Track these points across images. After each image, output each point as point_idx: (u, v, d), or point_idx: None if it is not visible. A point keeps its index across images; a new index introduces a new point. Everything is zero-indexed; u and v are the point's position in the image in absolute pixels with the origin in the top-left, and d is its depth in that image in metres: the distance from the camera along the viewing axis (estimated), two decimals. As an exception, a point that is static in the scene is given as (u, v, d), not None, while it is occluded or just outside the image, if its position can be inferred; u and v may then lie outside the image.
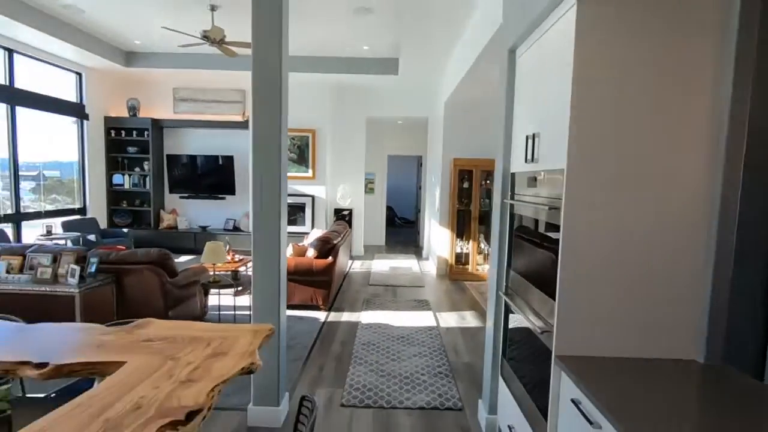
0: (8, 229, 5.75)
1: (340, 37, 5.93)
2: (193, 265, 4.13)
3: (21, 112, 6.06)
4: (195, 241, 7.72)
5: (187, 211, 8.25)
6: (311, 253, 4.71)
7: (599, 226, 1.51)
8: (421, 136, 9.10)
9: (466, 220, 6.52)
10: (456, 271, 6.48)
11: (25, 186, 6.40)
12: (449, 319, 4.58)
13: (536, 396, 1.77)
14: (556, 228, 1.62)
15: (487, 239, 6.51)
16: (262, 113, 2.40)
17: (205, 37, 5.04)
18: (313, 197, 7.77)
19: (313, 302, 4.59)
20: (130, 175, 7.87)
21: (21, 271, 3.25)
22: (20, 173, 6.12)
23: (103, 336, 1.39)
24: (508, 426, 2.14)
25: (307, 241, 5.60)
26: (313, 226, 7.69)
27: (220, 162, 7.98)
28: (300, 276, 4.53)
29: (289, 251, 4.82)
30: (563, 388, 1.52)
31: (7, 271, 3.19)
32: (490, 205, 6.48)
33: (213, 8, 5.10)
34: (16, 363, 1.19)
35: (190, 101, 8.04)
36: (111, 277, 3.37)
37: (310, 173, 7.72)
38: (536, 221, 1.91)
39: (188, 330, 1.48)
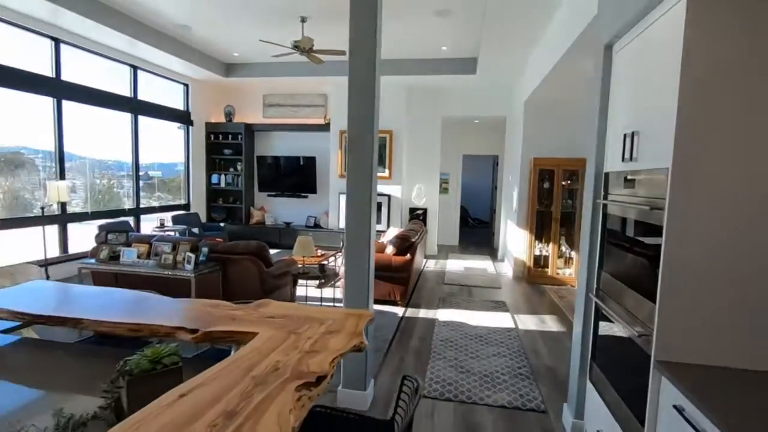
0: (130, 221, 6.68)
1: (419, 38, 6.05)
2: (283, 257, 4.50)
3: (141, 120, 6.99)
4: (280, 236, 8.32)
5: (274, 208, 8.92)
6: (390, 250, 4.88)
7: (707, 226, 1.46)
8: (498, 135, 8.92)
9: (546, 221, 6.30)
10: (534, 274, 6.30)
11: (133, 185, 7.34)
12: (528, 322, 4.49)
13: (631, 401, 1.74)
14: (655, 228, 1.58)
15: (569, 242, 6.23)
16: (356, 116, 2.59)
17: (296, 46, 5.44)
18: (389, 196, 7.98)
19: (391, 297, 4.76)
20: (225, 175, 8.70)
21: (148, 256, 3.80)
22: (128, 174, 7.05)
23: (234, 311, 1.63)
24: (597, 431, 2.10)
25: (385, 238, 5.80)
26: (388, 225, 7.91)
27: (304, 163, 8.51)
28: (379, 271, 4.71)
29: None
30: (664, 393, 1.49)
31: (138, 257, 3.75)
32: (572, 206, 6.20)
33: (303, 20, 5.49)
34: (174, 328, 1.46)
35: (278, 106, 8.67)
36: (218, 264, 3.81)
37: (386, 173, 7.94)
38: (632, 222, 1.86)
39: (300, 311, 1.68)
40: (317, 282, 4.77)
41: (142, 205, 7.20)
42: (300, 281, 4.57)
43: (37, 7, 4.70)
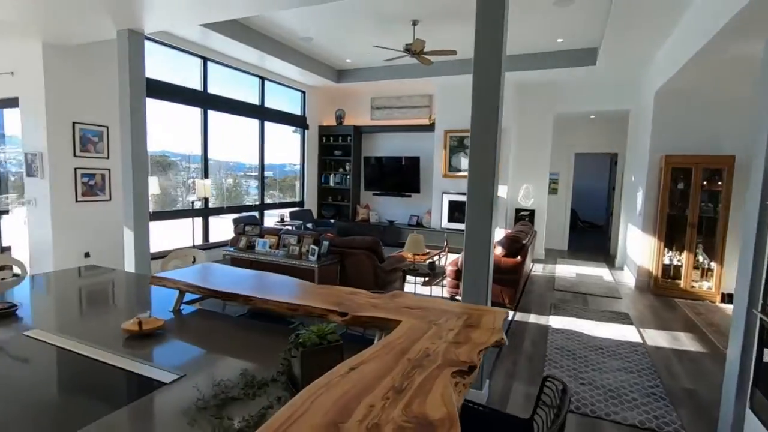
0: (255, 215, 7.49)
1: (533, 31, 5.79)
2: (392, 254, 4.67)
3: (264, 125, 7.79)
4: (383, 233, 8.63)
5: (378, 207, 9.27)
6: (498, 251, 4.77)
7: None
8: (618, 131, 8.14)
9: (679, 227, 5.58)
10: (662, 286, 5.62)
11: (251, 183, 8.15)
12: (658, 338, 4.04)
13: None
14: None
15: (708, 251, 5.44)
16: (479, 115, 2.59)
17: (407, 49, 5.59)
18: (493, 197, 7.77)
19: (499, 300, 4.65)
20: (334, 175, 9.28)
21: (277, 247, 4.24)
22: (245, 173, 7.85)
23: (373, 299, 1.76)
24: (763, 467, 1.83)
25: (491, 239, 5.68)
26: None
27: (408, 162, 8.69)
28: (487, 273, 4.64)
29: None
30: None
31: (269, 247, 4.21)
32: (714, 209, 5.40)
33: (414, 23, 5.62)
34: (326, 310, 1.62)
35: (384, 108, 8.99)
36: (337, 257, 4.11)
37: (491, 173, 7.74)
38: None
39: (433, 304, 1.75)
40: (423, 279, 4.86)
41: (262, 202, 8.01)
42: (408, 277, 4.70)
43: (192, 32, 5.52)
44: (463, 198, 7.97)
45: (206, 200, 6.46)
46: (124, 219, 4.06)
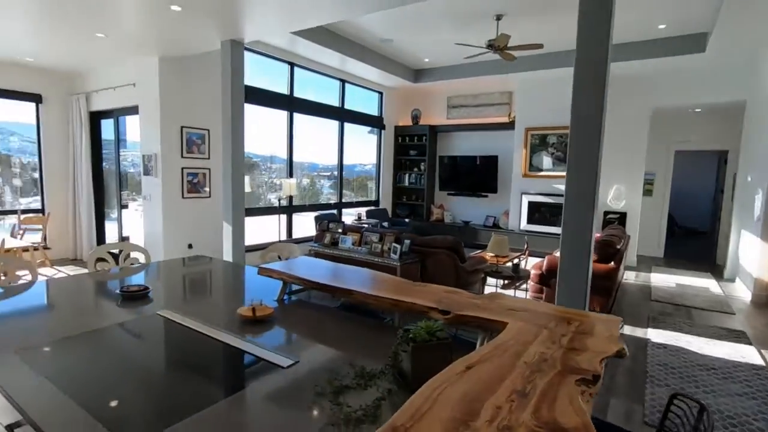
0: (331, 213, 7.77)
1: (630, 19, 5.33)
2: (473, 254, 4.58)
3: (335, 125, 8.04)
4: (458, 234, 8.49)
5: (452, 207, 9.15)
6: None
7: None
8: (729, 125, 7.22)
9: (811, 235, 4.81)
10: (788, 302, 4.89)
11: (324, 183, 8.40)
12: (785, 362, 3.51)
13: None
14: None
15: None
16: (580, 111, 2.44)
17: (490, 45, 5.44)
18: (579, 198, 7.29)
19: (590, 308, 4.35)
20: (409, 175, 9.32)
21: (359, 244, 4.35)
22: (318, 173, 8.10)
23: (473, 299, 1.73)
24: None
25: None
26: (577, 229, 7.23)
27: (484, 162, 8.47)
28: (576, 278, 4.36)
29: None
30: None
31: (352, 244, 4.34)
32: None
33: (498, 17, 5.45)
34: (428, 307, 1.63)
35: (460, 107, 8.84)
36: (417, 256, 4.12)
37: (577, 172, 7.28)
38: None
39: (537, 307, 1.67)
40: (503, 282, 4.70)
41: (333, 200, 8.28)
42: (489, 280, 4.58)
43: (282, 40, 5.86)
44: (545, 199, 7.62)
45: (290, 198, 6.83)
46: (223, 214, 4.42)
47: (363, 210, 8.30)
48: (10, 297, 2.02)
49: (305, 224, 7.46)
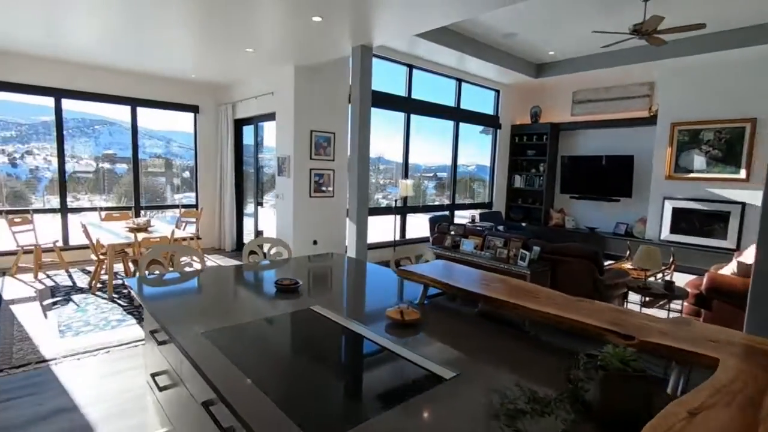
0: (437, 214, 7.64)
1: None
2: (610, 266, 4.08)
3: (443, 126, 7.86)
4: (583, 242, 7.73)
5: (575, 211, 8.38)
6: None
7: None
8: None
9: None
10: None
11: (429, 184, 8.22)
12: None
13: None
14: None
15: None
16: None
17: (636, 30, 4.81)
18: (743, 204, 6.10)
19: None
20: (526, 176, 8.78)
21: (481, 248, 4.18)
22: (421, 174, 7.95)
23: (653, 323, 1.47)
24: None
25: (744, 259, 4.41)
26: (739, 242, 6.06)
27: (616, 162, 7.58)
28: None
29: (731, 268, 3.94)
30: None
31: (474, 248, 4.18)
32: None
33: (647, -2, 4.80)
34: (605, 329, 1.42)
35: (588, 102, 8.05)
36: (548, 264, 3.80)
37: (741, 174, 6.10)
38: None
39: (738, 338, 1.35)
40: (643, 299, 4.11)
41: (437, 202, 8.13)
42: (631, 296, 4.04)
43: (401, 42, 5.93)
44: (696, 205, 6.50)
45: (405, 199, 6.90)
46: (349, 213, 4.61)
47: (476, 212, 8.05)
48: (186, 282, 2.31)
49: (417, 225, 7.48)
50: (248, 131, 6.98)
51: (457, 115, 7.74)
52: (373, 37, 4.25)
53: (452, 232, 4.49)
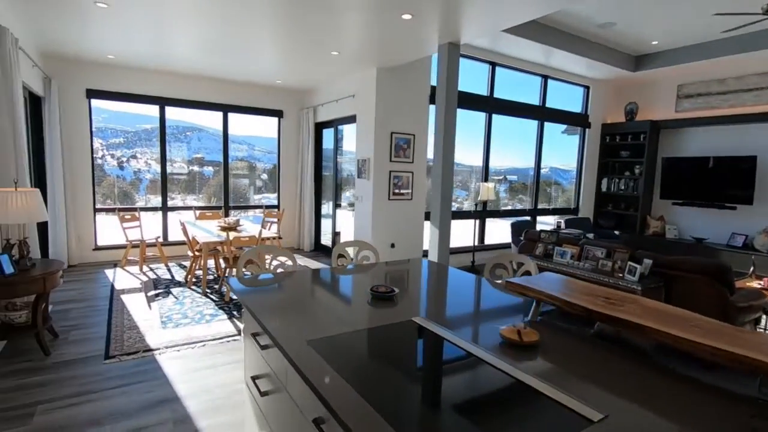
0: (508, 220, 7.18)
1: None
2: (742, 285, 3.49)
3: (523, 125, 7.36)
4: (685, 253, 6.85)
5: (678, 219, 7.47)
6: None
7: None
8: None
9: None
10: None
11: (500, 188, 7.65)
12: None
13: None
14: None
15: None
16: None
17: (770, 10, 4.11)
18: None
19: None
20: (618, 179, 8.00)
21: (578, 258, 3.80)
22: (492, 177, 7.47)
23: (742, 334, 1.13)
24: None
25: None
26: None
27: (733, 164, 6.62)
28: None
29: None
30: None
31: (571, 258, 3.81)
32: None
33: (787, -29, 4.08)
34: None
35: (697, 96, 7.13)
36: (661, 280, 3.34)
37: None
38: None
39: None
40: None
41: (512, 207, 7.63)
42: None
43: (484, 39, 5.65)
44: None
45: (485, 204, 6.60)
46: (431, 217, 4.46)
47: (561, 219, 7.48)
48: (282, 283, 2.29)
49: (491, 231, 7.13)
50: (328, 134, 7.11)
51: (542, 114, 7.27)
52: (461, 34, 4.06)
53: (544, 240, 4.14)
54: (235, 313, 4.12)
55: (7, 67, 3.29)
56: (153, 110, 6.37)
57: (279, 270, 2.72)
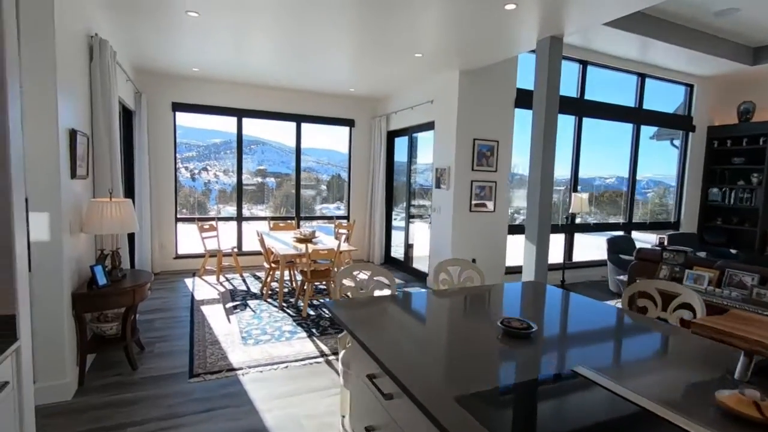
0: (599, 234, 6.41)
1: None
2: None
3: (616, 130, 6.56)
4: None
5: (811, 237, 6.32)
6: None
7: None
8: None
9: None
10: None
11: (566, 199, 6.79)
12: None
13: None
14: None
15: None
16: None
17: None
18: None
19: None
20: (730, 189, 6.97)
21: (717, 285, 3.15)
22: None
23: None
24: None
25: None
26: None
27: None
28: None
29: None
30: None
31: (708, 284, 3.17)
32: None
33: None
34: None
35: (835, 91, 6.02)
36: None
37: None
38: None
39: None
40: None
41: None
42: None
43: (575, 36, 5.11)
44: None
45: (573, 216, 5.97)
46: (527, 232, 3.99)
47: (662, 234, 6.61)
48: (386, 309, 1.97)
49: (583, 245, 6.44)
50: (400, 143, 6.85)
51: (638, 116, 6.51)
52: (564, 26, 3.60)
53: (669, 261, 3.51)
54: (314, 330, 3.90)
55: (106, 80, 3.34)
56: (223, 125, 6.53)
57: (375, 291, 2.42)
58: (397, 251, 7.02)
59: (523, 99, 5.44)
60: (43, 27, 2.42)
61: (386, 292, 2.37)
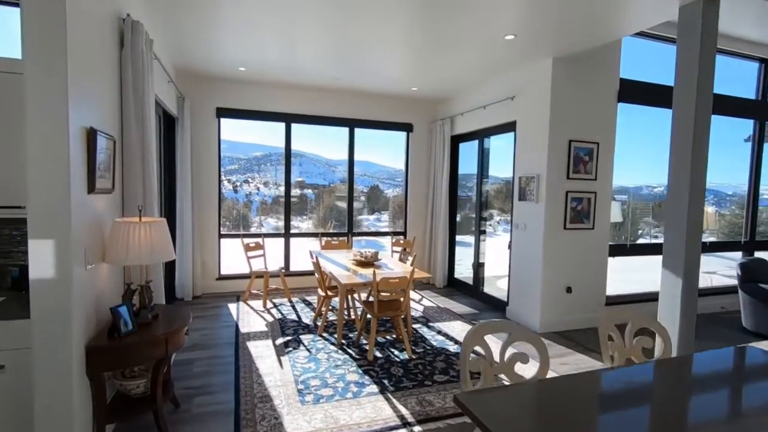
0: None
1: None
2: None
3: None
4: None
5: None
6: None
7: None
8: None
9: None
10: None
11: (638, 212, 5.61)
12: None
13: None
14: None
15: None
16: None
17: None
18: None
19: None
20: None
21: None
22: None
23: None
24: None
25: None
26: None
27: None
28: None
29: None
30: None
31: None
32: None
33: None
34: None
35: None
36: None
37: None
38: None
39: None
40: None
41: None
42: None
43: (751, 29, 4.09)
44: None
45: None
46: (664, 258, 3.02)
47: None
48: (543, 409, 1.14)
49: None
50: (466, 148, 6.00)
51: (761, 111, 5.33)
52: (724, -17, 2.66)
53: None
54: (385, 382, 3.08)
55: (138, 71, 2.73)
56: (265, 139, 6.07)
57: (517, 364, 1.57)
58: (462, 272, 6.12)
59: (628, 91, 4.47)
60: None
61: (532, 368, 1.53)
